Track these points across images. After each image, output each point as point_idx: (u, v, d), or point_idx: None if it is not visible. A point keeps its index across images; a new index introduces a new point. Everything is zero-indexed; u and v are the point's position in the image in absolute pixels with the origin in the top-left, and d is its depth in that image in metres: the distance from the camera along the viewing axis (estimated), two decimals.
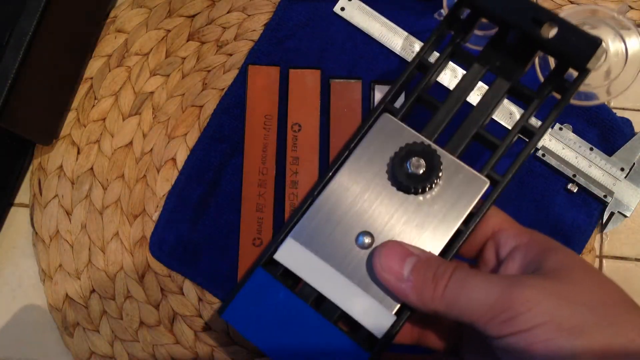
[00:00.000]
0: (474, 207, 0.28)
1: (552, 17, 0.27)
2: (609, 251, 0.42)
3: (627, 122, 0.43)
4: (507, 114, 0.41)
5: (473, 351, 0.29)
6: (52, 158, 0.42)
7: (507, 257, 0.28)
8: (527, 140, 0.29)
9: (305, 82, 0.42)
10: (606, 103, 0.42)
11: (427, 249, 0.27)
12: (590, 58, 0.27)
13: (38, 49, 0.36)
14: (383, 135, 0.29)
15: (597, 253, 0.42)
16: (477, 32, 0.34)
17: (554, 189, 0.41)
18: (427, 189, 0.28)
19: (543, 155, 0.41)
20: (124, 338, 0.40)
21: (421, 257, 0.26)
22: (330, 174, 0.29)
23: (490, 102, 0.30)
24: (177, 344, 0.40)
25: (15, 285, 0.42)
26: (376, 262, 0.27)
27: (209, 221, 0.41)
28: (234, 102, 0.42)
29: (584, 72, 0.28)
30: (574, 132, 0.41)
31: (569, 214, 0.41)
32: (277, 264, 0.29)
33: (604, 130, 0.42)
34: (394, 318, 0.27)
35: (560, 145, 0.41)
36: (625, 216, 0.41)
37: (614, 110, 0.43)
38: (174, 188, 0.41)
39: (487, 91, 0.30)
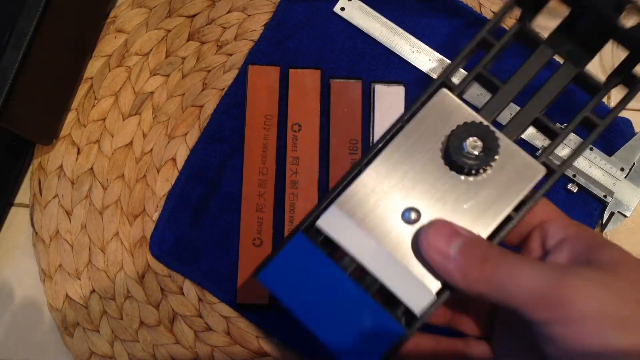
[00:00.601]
0: (527, 195, 0.27)
1: (636, 6, 0.26)
2: None
3: (627, 122, 0.43)
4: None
5: (505, 338, 0.29)
6: (52, 158, 0.42)
7: (554, 248, 0.27)
8: (587, 131, 0.29)
9: (305, 82, 0.42)
10: None
11: (475, 232, 0.27)
12: None
13: (38, 49, 0.36)
14: (439, 111, 0.28)
15: None
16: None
17: (554, 189, 0.41)
18: (481, 170, 0.27)
19: None
20: (124, 338, 0.40)
21: (469, 237, 0.26)
22: (381, 145, 0.28)
23: (554, 87, 0.29)
24: (177, 344, 0.40)
25: (15, 285, 0.42)
26: (422, 239, 0.26)
27: (209, 221, 0.41)
28: (234, 102, 0.42)
29: None
30: (574, 132, 0.41)
31: (569, 214, 0.41)
32: (318, 231, 0.28)
33: (604, 130, 0.42)
34: (434, 297, 0.27)
35: (560, 145, 0.41)
36: (625, 216, 0.41)
37: None
38: (174, 188, 0.41)
39: (552, 76, 0.29)
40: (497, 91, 0.29)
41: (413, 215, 0.27)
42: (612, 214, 0.41)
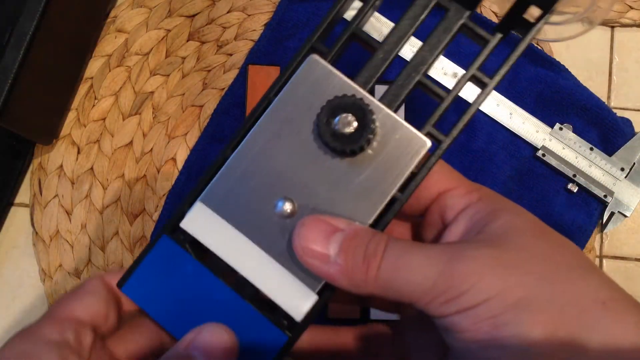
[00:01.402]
0: (412, 171, 0.24)
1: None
2: (609, 251, 0.42)
3: (627, 122, 0.43)
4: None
5: (416, 328, 0.27)
6: (52, 158, 0.42)
7: (453, 221, 0.24)
8: (479, 92, 0.24)
9: None
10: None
11: (357, 219, 0.23)
12: None
13: (38, 49, 0.36)
14: (309, 82, 0.24)
15: (597, 253, 0.42)
16: None
17: (554, 189, 0.41)
18: (357, 150, 0.23)
19: (543, 155, 0.41)
20: None
21: (348, 231, 0.22)
22: (247, 127, 0.24)
23: (435, 44, 0.25)
24: None
25: (15, 285, 0.42)
26: (296, 243, 0.22)
27: None
28: (234, 102, 0.42)
29: (548, 8, 0.23)
30: (574, 132, 0.41)
31: (569, 214, 0.41)
32: (185, 232, 0.25)
33: (604, 130, 0.42)
34: (315, 298, 0.24)
35: (561, 145, 0.41)
36: (625, 216, 0.41)
37: (614, 110, 0.43)
38: (174, 188, 0.41)
39: (433, 31, 0.25)
40: (375, 53, 0.25)
41: (287, 207, 0.24)
42: (612, 213, 0.41)
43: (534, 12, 0.24)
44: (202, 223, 0.25)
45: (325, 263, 0.22)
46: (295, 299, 0.24)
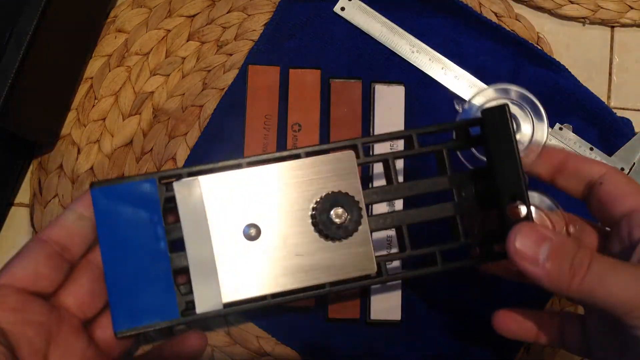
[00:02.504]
0: (349, 278, 0.29)
1: (524, 202, 0.28)
2: None
3: (627, 122, 0.43)
4: None
5: (601, 327, 0.30)
6: (52, 158, 0.42)
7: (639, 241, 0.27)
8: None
9: (305, 82, 0.41)
10: None
11: (295, 280, 0.28)
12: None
13: (38, 49, 0.36)
14: (336, 166, 0.29)
15: None
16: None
17: (554, 188, 0.41)
18: (329, 237, 0.29)
19: None
20: None
21: (556, 241, 0.26)
22: (278, 156, 0.29)
23: (426, 213, 0.31)
24: None
25: None
26: (510, 246, 0.26)
27: None
28: (234, 102, 0.42)
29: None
30: (574, 132, 0.41)
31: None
32: (169, 188, 0.28)
33: (604, 130, 0.42)
34: (220, 308, 0.28)
35: (561, 145, 0.41)
36: None
37: (614, 110, 0.43)
38: None
39: (431, 206, 0.31)
40: (391, 185, 0.31)
41: (252, 232, 0.28)
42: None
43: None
44: (188, 194, 0.28)
45: (533, 265, 0.26)
46: (208, 296, 0.28)
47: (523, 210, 0.28)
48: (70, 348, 0.27)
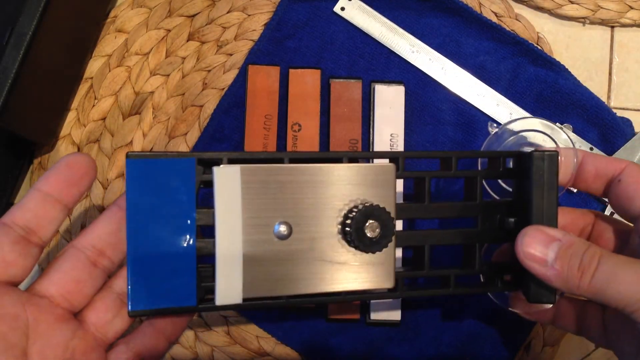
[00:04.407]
0: (364, 289, 0.30)
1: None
2: None
3: (627, 122, 0.43)
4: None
5: (619, 322, 0.30)
6: (52, 158, 0.42)
7: None
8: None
9: (305, 82, 0.41)
10: None
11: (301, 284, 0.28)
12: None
13: (38, 49, 0.36)
14: (377, 177, 0.29)
15: None
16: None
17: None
18: (356, 247, 0.29)
19: None
20: None
21: (564, 241, 0.27)
22: (332, 156, 0.30)
23: (449, 236, 0.32)
24: (177, 344, 0.40)
25: None
26: (519, 249, 0.27)
27: None
28: (234, 102, 0.42)
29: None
30: (574, 131, 0.41)
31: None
32: (207, 171, 0.27)
33: (604, 130, 0.42)
34: (240, 302, 0.27)
35: (561, 145, 0.41)
36: None
37: (614, 110, 0.43)
38: None
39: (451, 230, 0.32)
40: (421, 203, 0.31)
41: (284, 230, 0.28)
42: (612, 213, 0.41)
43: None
44: (227, 182, 0.27)
45: (543, 266, 0.27)
46: (229, 289, 0.27)
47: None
48: (51, 340, 0.25)
